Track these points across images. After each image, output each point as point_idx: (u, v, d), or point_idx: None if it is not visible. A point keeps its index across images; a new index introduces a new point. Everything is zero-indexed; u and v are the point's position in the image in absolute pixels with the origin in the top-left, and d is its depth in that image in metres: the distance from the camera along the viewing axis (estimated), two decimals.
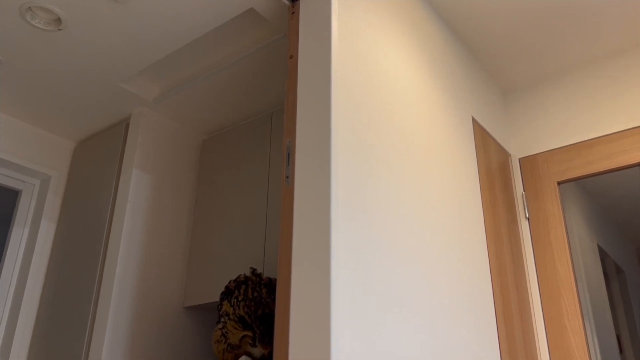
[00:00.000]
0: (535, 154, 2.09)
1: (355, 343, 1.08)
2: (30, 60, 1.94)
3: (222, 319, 1.63)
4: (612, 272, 2.21)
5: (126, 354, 1.86)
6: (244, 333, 1.60)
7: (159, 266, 2.07)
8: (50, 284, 2.19)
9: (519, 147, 2.15)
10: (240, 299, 1.65)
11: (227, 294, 1.70)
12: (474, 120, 1.90)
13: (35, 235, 2.27)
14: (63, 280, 2.14)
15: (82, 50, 1.88)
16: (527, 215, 2.01)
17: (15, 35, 1.80)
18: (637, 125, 1.91)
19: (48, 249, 2.28)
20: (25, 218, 2.32)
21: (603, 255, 2.18)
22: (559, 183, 2.00)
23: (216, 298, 1.99)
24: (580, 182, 2.14)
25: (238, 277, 1.74)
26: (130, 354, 1.87)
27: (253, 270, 1.77)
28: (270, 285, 1.69)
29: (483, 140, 1.93)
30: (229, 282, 1.76)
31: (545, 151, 2.07)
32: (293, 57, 1.39)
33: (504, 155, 2.09)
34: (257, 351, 1.58)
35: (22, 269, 2.23)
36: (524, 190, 2.06)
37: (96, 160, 2.30)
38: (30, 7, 1.69)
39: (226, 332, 1.61)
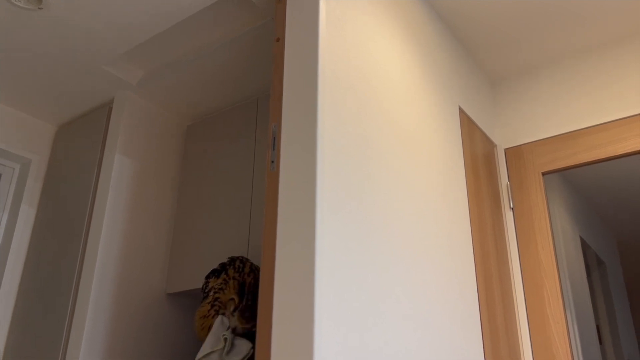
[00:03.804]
0: (520, 145, 2.09)
1: (343, 334, 1.07)
2: (10, 40, 1.89)
3: (212, 293, 1.64)
4: (593, 263, 2.24)
5: (107, 340, 1.84)
6: (233, 296, 1.61)
7: (141, 252, 2.04)
8: (30, 269, 2.16)
9: (504, 137, 2.16)
10: (247, 267, 1.66)
11: (214, 272, 1.70)
12: (460, 109, 1.90)
13: (15, 220, 2.23)
14: (43, 266, 2.11)
15: (64, 31, 1.84)
16: (512, 206, 2.02)
17: None
18: (622, 117, 1.92)
19: (28, 234, 2.24)
20: (4, 203, 2.28)
21: (585, 247, 2.21)
22: (543, 174, 2.01)
23: (199, 285, 1.97)
24: (564, 174, 2.15)
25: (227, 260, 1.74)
26: (111, 341, 1.85)
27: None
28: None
29: (469, 129, 1.93)
30: (217, 266, 1.76)
31: (531, 142, 2.07)
32: (280, 40, 1.36)
33: (490, 145, 2.09)
34: (233, 321, 1.58)
35: (1, 255, 2.19)
36: (508, 181, 2.07)
37: (78, 145, 2.26)
38: None
39: (224, 287, 1.63)
